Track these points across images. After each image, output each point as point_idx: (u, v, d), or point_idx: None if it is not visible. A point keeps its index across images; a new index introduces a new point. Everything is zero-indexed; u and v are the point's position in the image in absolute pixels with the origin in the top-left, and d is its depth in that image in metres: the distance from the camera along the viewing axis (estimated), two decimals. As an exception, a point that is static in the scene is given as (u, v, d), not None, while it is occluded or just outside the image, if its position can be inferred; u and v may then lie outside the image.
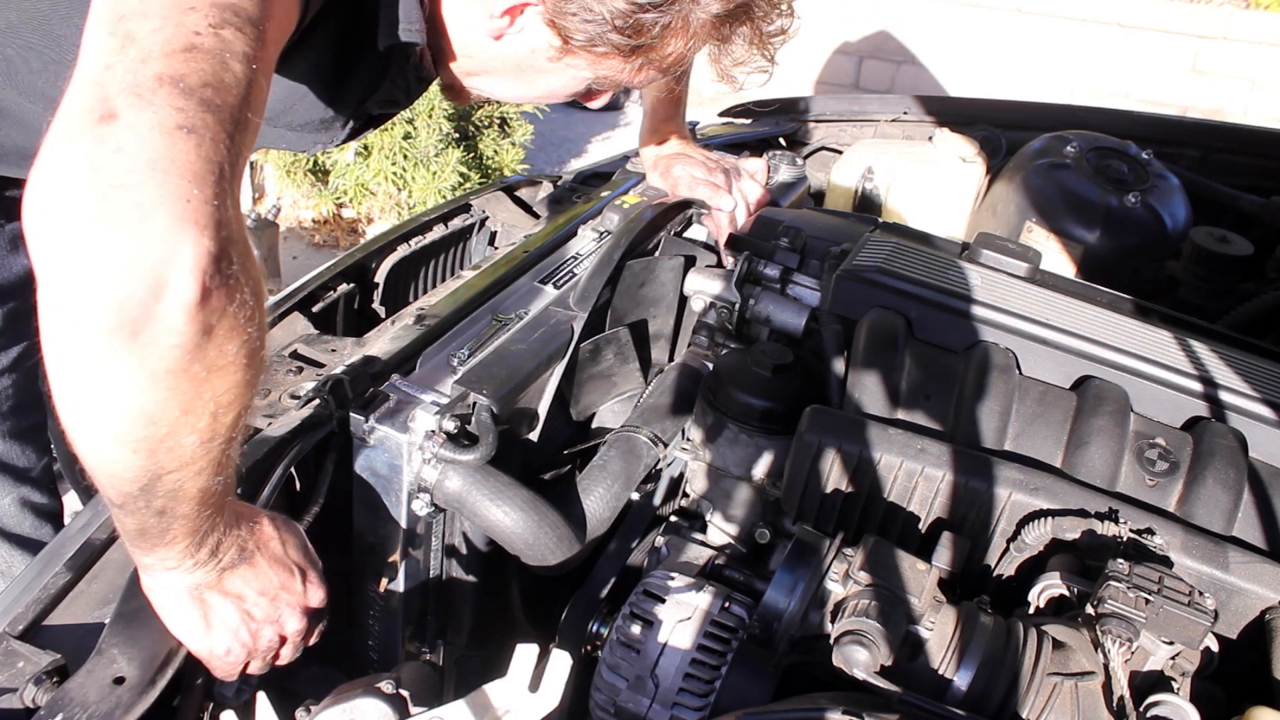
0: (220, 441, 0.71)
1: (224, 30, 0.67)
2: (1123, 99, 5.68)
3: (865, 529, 1.10)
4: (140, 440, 0.66)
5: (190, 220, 0.61)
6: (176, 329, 0.62)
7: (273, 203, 4.20)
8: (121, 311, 0.60)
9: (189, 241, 0.61)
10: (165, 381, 0.64)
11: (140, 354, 0.62)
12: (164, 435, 0.67)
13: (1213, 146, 2.27)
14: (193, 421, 0.67)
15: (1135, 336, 1.25)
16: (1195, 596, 0.89)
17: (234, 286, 0.65)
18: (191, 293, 0.61)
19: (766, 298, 1.47)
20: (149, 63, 0.63)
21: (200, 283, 0.62)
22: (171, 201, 0.60)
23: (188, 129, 0.62)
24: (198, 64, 0.65)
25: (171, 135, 0.62)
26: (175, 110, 0.62)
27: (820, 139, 2.37)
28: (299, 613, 0.91)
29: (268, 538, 0.88)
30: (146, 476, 0.69)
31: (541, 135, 5.15)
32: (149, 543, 0.77)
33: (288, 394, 1.15)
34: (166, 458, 0.68)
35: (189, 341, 0.63)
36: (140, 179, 0.60)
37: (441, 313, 1.24)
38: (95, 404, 0.64)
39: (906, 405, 1.17)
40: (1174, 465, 1.09)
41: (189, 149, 0.62)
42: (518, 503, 1.06)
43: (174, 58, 0.64)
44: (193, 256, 0.61)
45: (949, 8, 5.88)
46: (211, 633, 0.86)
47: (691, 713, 1.00)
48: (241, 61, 0.68)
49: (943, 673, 0.93)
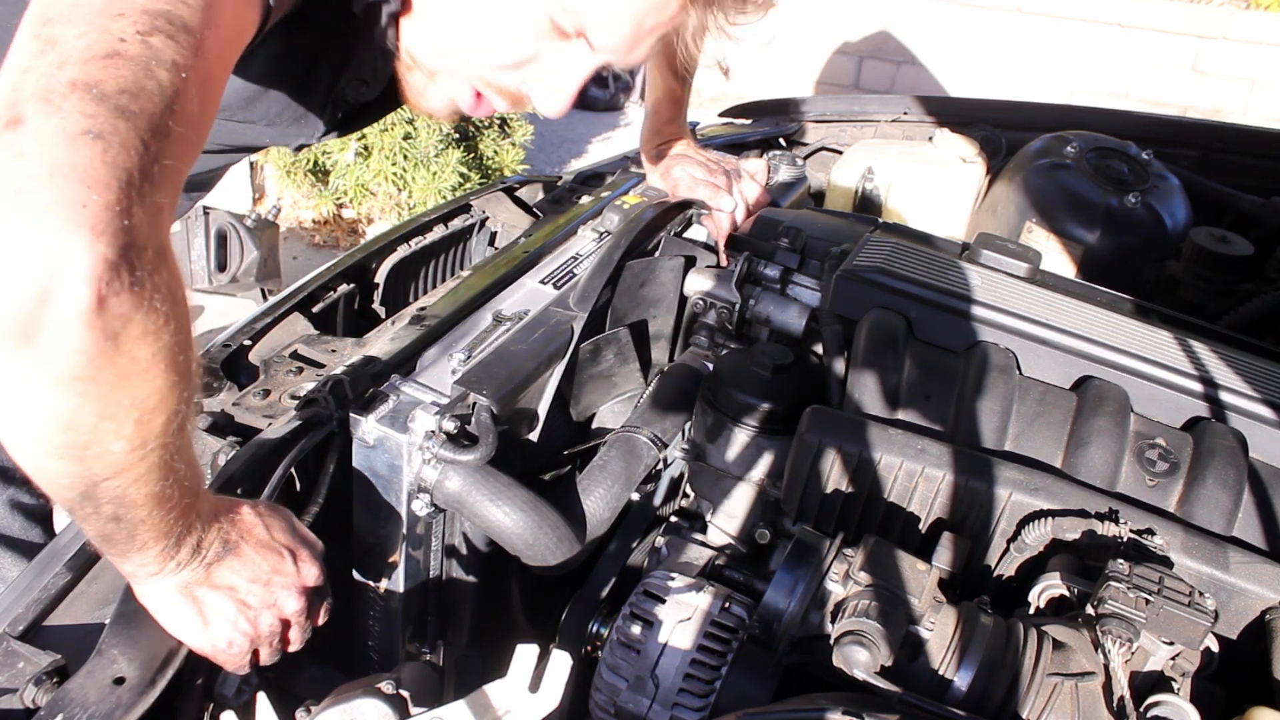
0: (154, 448, 0.70)
1: (152, 37, 0.66)
2: (1123, 99, 5.68)
3: (865, 529, 1.10)
4: (64, 446, 0.66)
5: (85, 226, 0.60)
6: (70, 335, 0.61)
7: (273, 203, 4.20)
8: (13, 317, 0.60)
9: (82, 247, 0.60)
10: (73, 388, 0.63)
11: (38, 360, 0.62)
12: (86, 442, 0.66)
13: (1213, 146, 2.27)
14: (115, 428, 0.67)
15: (1135, 337, 1.25)
16: (1195, 597, 0.89)
17: (140, 293, 0.64)
18: (84, 299, 0.60)
19: (766, 298, 1.47)
20: (65, 68, 0.63)
21: (94, 289, 0.61)
22: (66, 207, 0.60)
23: (94, 134, 0.61)
24: (117, 70, 0.64)
25: (75, 141, 0.61)
26: (84, 116, 0.61)
27: (820, 139, 2.37)
28: (295, 593, 0.90)
29: (250, 525, 0.88)
30: (82, 483, 0.69)
31: (541, 135, 5.15)
32: (119, 549, 0.77)
33: (288, 394, 1.15)
34: (97, 465, 0.68)
35: (90, 348, 0.62)
36: (37, 184, 0.59)
37: (441, 313, 1.24)
38: (10, 410, 0.64)
39: (907, 405, 1.17)
40: (1174, 465, 1.09)
41: (93, 155, 0.61)
42: (518, 503, 1.06)
43: (92, 64, 0.63)
44: (85, 263, 0.60)
45: (949, 8, 5.88)
46: (210, 628, 0.86)
47: (692, 713, 1.00)
48: (169, 70, 0.67)
49: (943, 673, 0.93)
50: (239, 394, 1.16)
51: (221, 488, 0.97)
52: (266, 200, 4.24)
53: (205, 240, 2.90)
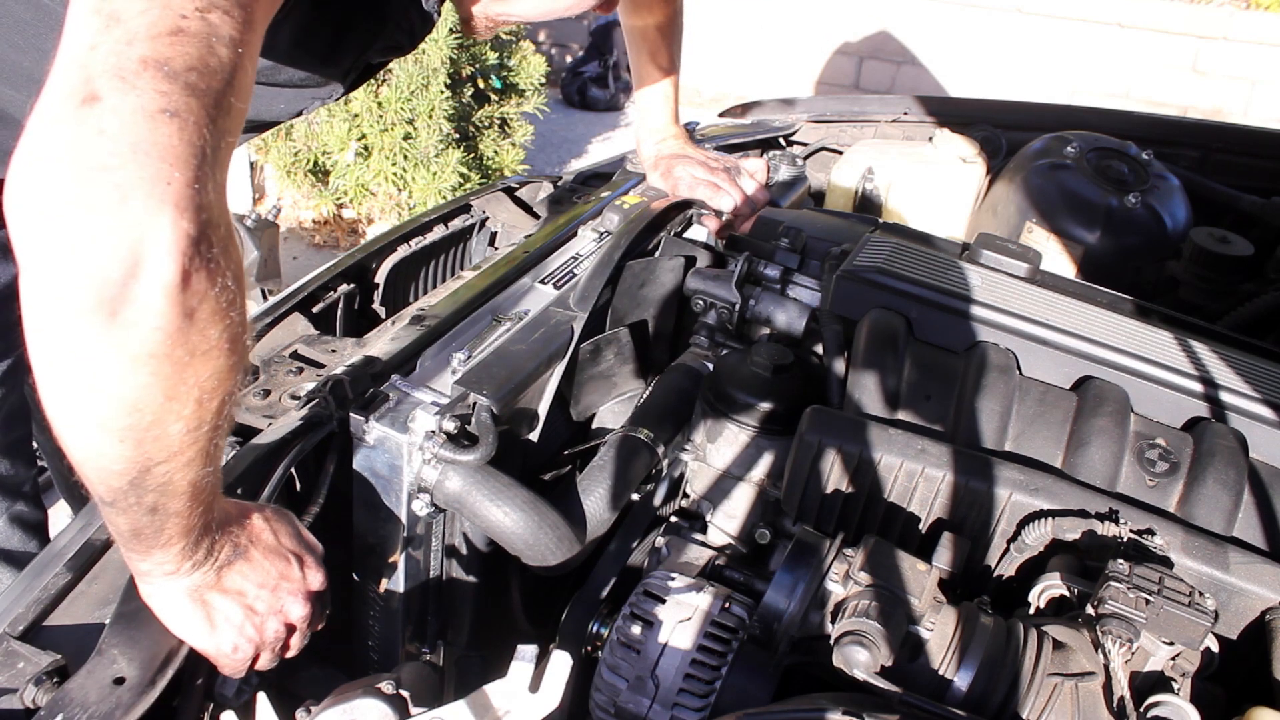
0: (207, 429, 0.70)
1: (211, 14, 0.67)
2: (1123, 99, 5.68)
3: (865, 529, 1.10)
4: (126, 429, 0.66)
5: (170, 202, 0.61)
6: (155, 310, 0.62)
7: (273, 203, 4.20)
8: (100, 292, 0.60)
9: (168, 223, 0.61)
10: (148, 366, 0.64)
11: (120, 336, 0.62)
12: (150, 423, 0.66)
13: (1212, 147, 2.27)
14: (178, 408, 0.67)
15: (1135, 337, 1.25)
16: (1195, 597, 0.89)
17: (215, 270, 0.65)
18: (170, 274, 0.61)
19: (767, 298, 1.47)
20: (134, 45, 0.63)
21: (180, 265, 0.62)
22: (151, 184, 0.61)
23: (170, 113, 0.62)
24: (183, 47, 0.64)
25: (154, 119, 0.62)
26: (159, 94, 0.62)
27: (820, 139, 2.37)
28: (302, 599, 0.91)
29: (259, 530, 0.88)
30: (135, 468, 0.69)
31: (541, 135, 5.15)
32: (144, 545, 0.77)
33: (288, 394, 1.15)
34: (154, 447, 0.68)
35: (170, 324, 0.63)
36: (121, 161, 0.60)
37: (441, 313, 1.24)
38: (78, 390, 0.64)
39: (907, 405, 1.17)
40: (1174, 466, 1.09)
41: (171, 132, 0.62)
42: (518, 503, 1.06)
43: (159, 40, 0.64)
44: (171, 238, 0.61)
45: (949, 8, 5.88)
46: (217, 632, 0.86)
47: (692, 713, 1.00)
48: (227, 45, 0.67)
49: (943, 673, 0.93)
50: (239, 394, 1.15)
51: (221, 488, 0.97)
52: (266, 200, 4.24)
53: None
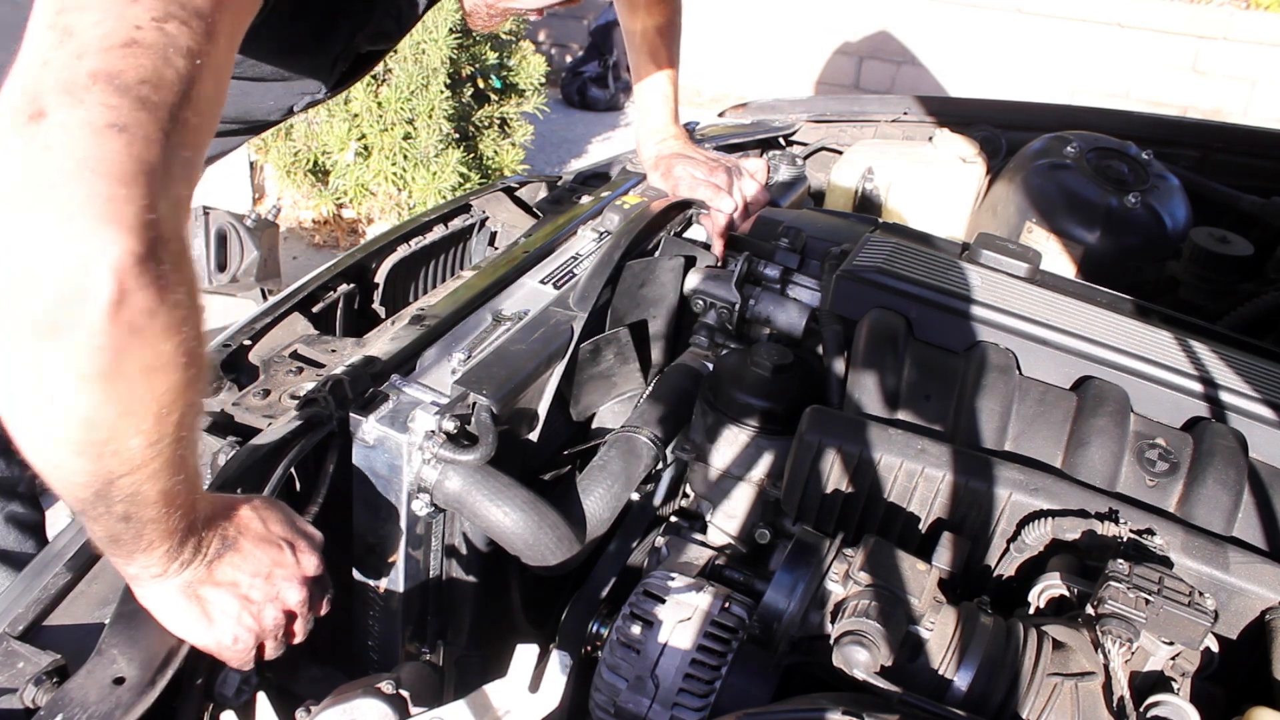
0: (169, 442, 0.70)
1: (168, 24, 0.66)
2: (1123, 99, 5.68)
3: (865, 529, 1.10)
4: (82, 444, 0.66)
5: (113, 220, 0.60)
6: (99, 330, 0.61)
7: (273, 203, 4.20)
8: (45, 312, 0.60)
9: (110, 242, 0.60)
10: (97, 384, 0.63)
11: (65, 356, 0.61)
12: (106, 438, 0.66)
13: (1213, 146, 2.27)
14: (135, 423, 0.67)
15: (1135, 337, 1.25)
16: (1195, 597, 0.89)
17: (164, 287, 0.64)
18: (112, 293, 0.61)
19: (766, 298, 1.47)
20: (85, 58, 0.62)
21: (119, 284, 0.61)
22: (95, 202, 0.60)
23: (119, 127, 0.61)
24: (136, 59, 0.63)
25: (101, 134, 0.61)
26: (107, 108, 0.61)
27: (820, 139, 2.37)
28: (297, 584, 0.90)
29: (247, 520, 0.88)
30: (98, 481, 0.69)
31: (541, 135, 5.15)
32: (125, 550, 0.77)
33: (288, 394, 1.15)
34: (114, 461, 0.68)
35: (115, 343, 0.62)
36: (67, 179, 0.59)
37: (441, 313, 1.24)
38: (31, 407, 0.64)
39: (907, 405, 1.17)
40: (1174, 465, 1.09)
41: (118, 148, 0.61)
42: (518, 503, 1.06)
43: (111, 53, 0.63)
44: (114, 257, 0.60)
45: (949, 8, 5.88)
46: (215, 625, 0.86)
47: (692, 713, 1.00)
48: (185, 57, 0.66)
49: (943, 673, 0.93)
50: (239, 394, 1.16)
51: (221, 488, 0.97)
52: (266, 200, 4.24)
53: (205, 240, 2.89)
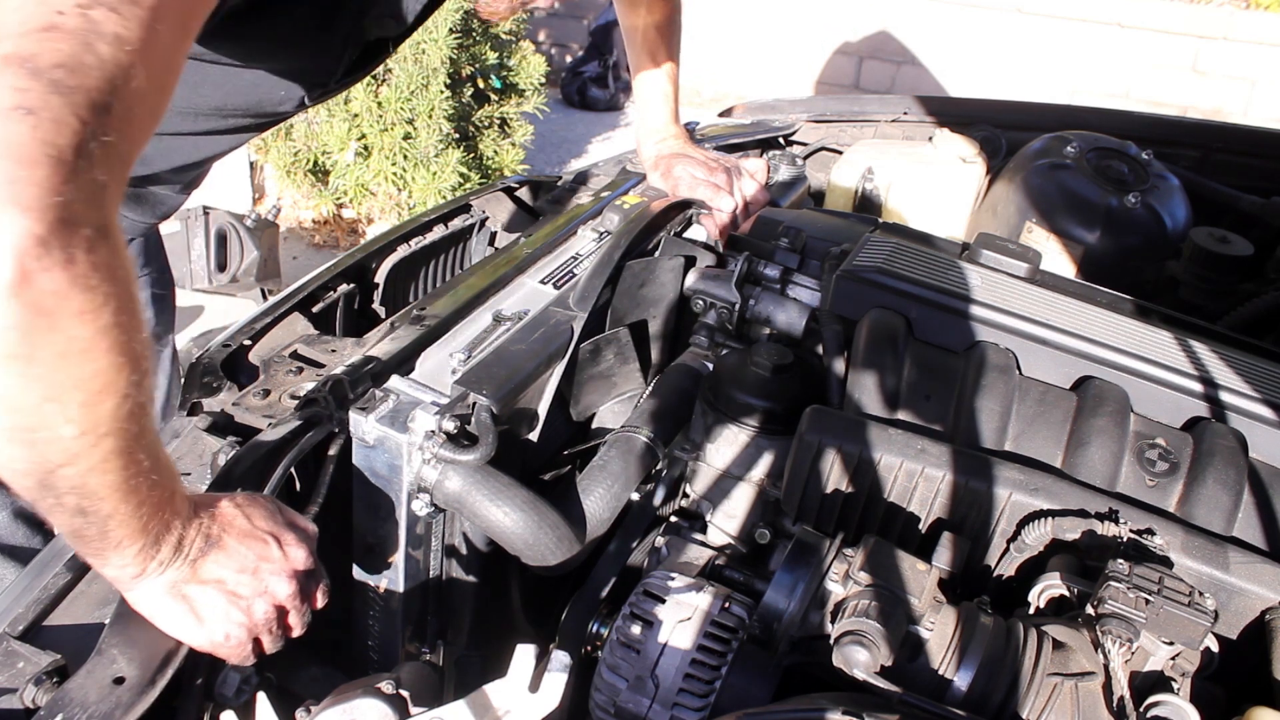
0: (105, 433, 0.70)
1: (93, 10, 0.66)
2: (1123, 99, 5.69)
3: (865, 529, 1.10)
4: (12, 430, 0.66)
5: (11, 201, 0.61)
6: (1, 309, 0.61)
7: (273, 203, 4.20)
8: None
9: (8, 222, 0.61)
10: (12, 366, 0.63)
11: None
12: (33, 424, 0.66)
13: (1213, 146, 2.27)
14: (60, 410, 0.66)
15: (1135, 337, 1.25)
16: (1195, 597, 0.89)
17: (73, 270, 0.64)
18: (8, 272, 0.61)
19: (766, 298, 1.47)
20: (1, 42, 0.63)
21: (19, 263, 0.61)
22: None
23: (25, 109, 0.61)
24: (54, 44, 0.64)
25: (6, 116, 0.61)
26: (16, 91, 0.62)
27: (820, 139, 2.37)
28: (286, 578, 0.90)
29: (230, 516, 0.87)
30: (38, 470, 0.69)
31: (541, 135, 5.15)
32: (94, 547, 0.76)
33: (288, 394, 1.15)
34: (49, 450, 0.68)
35: (21, 323, 0.62)
36: None
37: (441, 313, 1.24)
38: None
39: (906, 405, 1.17)
40: (1174, 465, 1.09)
41: (24, 130, 0.61)
42: (518, 503, 1.06)
43: (28, 37, 0.63)
44: (10, 237, 0.61)
45: (949, 8, 5.88)
46: (205, 624, 0.85)
47: (692, 713, 1.00)
48: (110, 44, 0.66)
49: (943, 673, 0.93)
50: (239, 394, 1.16)
51: (222, 487, 0.97)
52: (266, 200, 4.24)
53: (205, 240, 2.89)
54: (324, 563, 0.96)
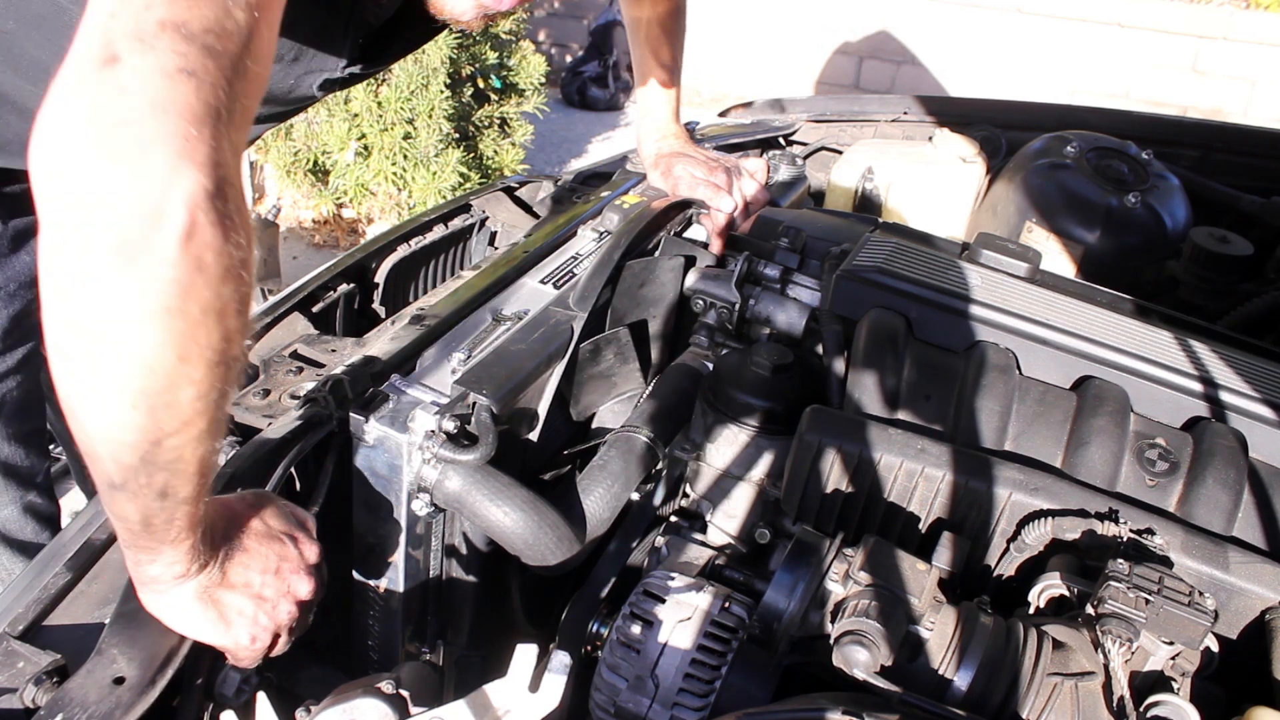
0: (215, 399, 0.71)
1: None
2: (1123, 99, 5.69)
3: (865, 529, 1.10)
4: (140, 392, 0.67)
5: (186, 156, 0.63)
6: (170, 260, 0.63)
7: (273, 203, 4.20)
8: (121, 239, 0.62)
9: (185, 175, 0.63)
10: (162, 321, 0.65)
11: (137, 286, 0.63)
12: (164, 386, 0.67)
13: (1213, 146, 2.27)
14: (189, 371, 0.68)
15: (1135, 336, 1.25)
16: (1195, 597, 0.89)
17: (228, 226, 0.66)
18: (185, 224, 0.63)
19: (766, 298, 1.47)
20: (152, 9, 0.65)
21: (190, 215, 0.63)
22: (170, 139, 0.63)
23: (188, 72, 0.64)
24: (200, 10, 0.66)
25: (173, 78, 0.64)
26: (177, 54, 0.64)
27: (820, 139, 2.37)
28: (305, 575, 0.91)
29: (248, 519, 0.89)
30: (148, 440, 0.69)
31: (541, 135, 5.15)
32: (155, 539, 0.77)
33: (288, 394, 1.15)
34: (166, 415, 0.69)
35: (183, 275, 0.64)
36: (141, 116, 0.62)
37: (441, 313, 1.24)
38: (95, 350, 0.65)
39: (906, 405, 1.17)
40: (1174, 465, 1.09)
41: (189, 91, 0.64)
42: (518, 503, 1.06)
43: (177, 4, 0.65)
44: (188, 190, 0.63)
45: (949, 8, 5.88)
46: (233, 628, 0.86)
47: (691, 713, 1.00)
48: (244, 9, 0.69)
49: (943, 673, 0.93)
50: (239, 394, 1.16)
51: (222, 488, 0.97)
52: (266, 200, 4.23)
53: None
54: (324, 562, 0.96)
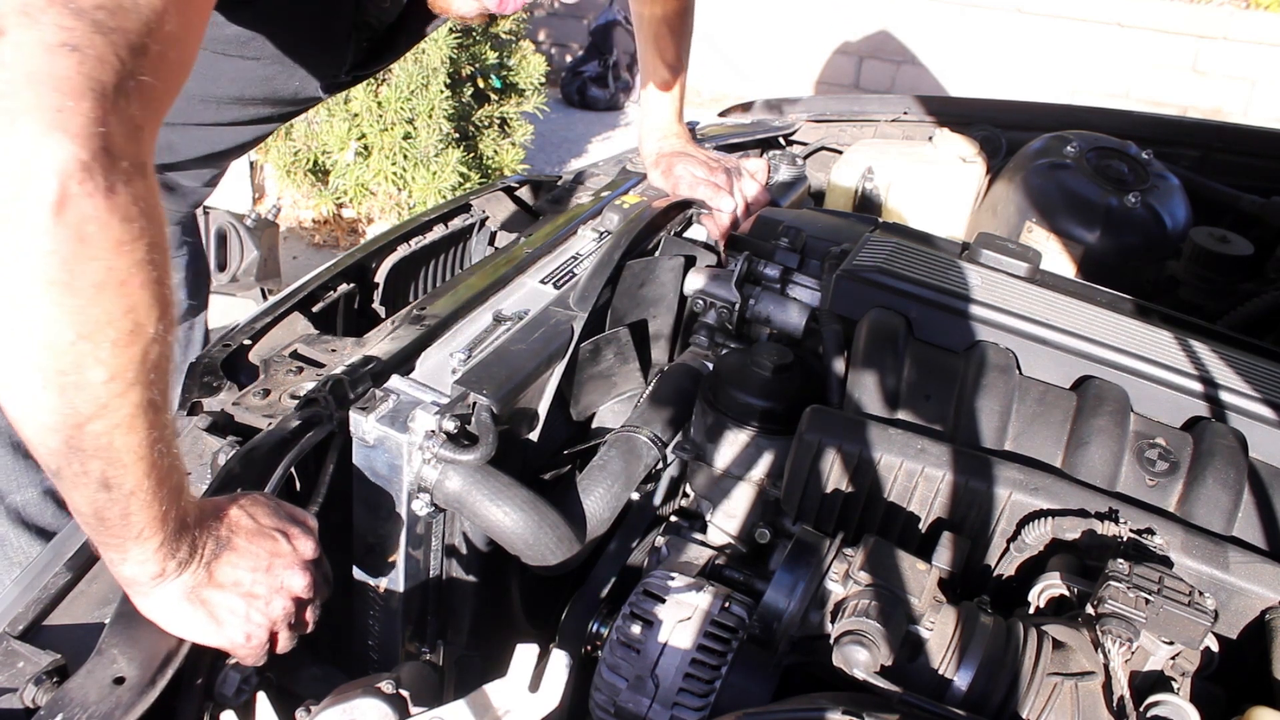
0: (134, 383, 0.70)
1: None
2: (1123, 99, 5.69)
3: (865, 529, 1.10)
4: (48, 371, 0.67)
5: (59, 127, 0.63)
6: (43, 230, 0.63)
7: (273, 203, 4.20)
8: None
9: (55, 146, 0.63)
10: (49, 294, 0.65)
11: (16, 256, 0.64)
12: (67, 365, 0.67)
13: (1213, 146, 2.27)
14: (92, 350, 0.67)
15: (1135, 336, 1.25)
16: (1195, 596, 0.89)
17: (113, 198, 0.66)
18: (53, 193, 0.63)
19: (766, 298, 1.47)
20: None
21: (61, 185, 0.63)
22: (41, 110, 0.63)
23: (70, 46, 0.65)
24: None
25: (53, 51, 0.64)
26: (61, 29, 0.65)
27: (820, 139, 2.37)
28: (299, 570, 0.91)
29: (236, 518, 0.88)
30: (67, 424, 0.69)
31: (541, 135, 5.15)
32: (115, 534, 0.76)
33: (288, 394, 1.15)
34: (79, 397, 0.68)
35: (61, 247, 0.64)
36: (16, 89, 0.63)
37: (441, 313, 1.24)
38: (3, 325, 0.65)
39: (906, 405, 1.17)
40: (1174, 465, 1.09)
41: (70, 64, 0.64)
42: (518, 503, 1.06)
43: None
44: (58, 159, 0.63)
45: (949, 8, 5.88)
46: (225, 627, 0.86)
47: (691, 713, 1.00)
48: None
49: (943, 673, 0.93)
50: (239, 394, 1.16)
51: (221, 487, 0.97)
52: (266, 200, 4.24)
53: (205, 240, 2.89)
54: (320, 546, 0.96)
